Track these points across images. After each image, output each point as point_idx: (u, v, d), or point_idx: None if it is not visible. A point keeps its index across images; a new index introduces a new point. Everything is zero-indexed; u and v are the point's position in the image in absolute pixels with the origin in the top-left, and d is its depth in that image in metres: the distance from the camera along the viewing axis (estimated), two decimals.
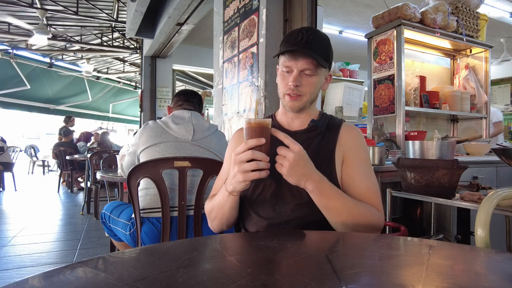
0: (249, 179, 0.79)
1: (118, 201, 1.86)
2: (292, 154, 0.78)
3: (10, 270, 2.34)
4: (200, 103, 1.84)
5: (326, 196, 0.84)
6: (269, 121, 0.80)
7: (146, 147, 1.58)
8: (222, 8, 2.82)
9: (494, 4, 4.22)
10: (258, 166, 0.77)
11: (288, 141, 0.79)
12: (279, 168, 0.80)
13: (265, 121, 0.80)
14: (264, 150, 0.79)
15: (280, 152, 0.79)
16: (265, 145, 0.78)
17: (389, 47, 2.69)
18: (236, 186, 0.82)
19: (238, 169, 0.79)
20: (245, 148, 0.78)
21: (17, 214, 4.20)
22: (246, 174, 0.78)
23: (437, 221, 2.00)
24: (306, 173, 0.80)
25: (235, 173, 0.80)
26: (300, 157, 0.79)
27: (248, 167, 0.77)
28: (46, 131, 16.57)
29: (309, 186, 0.81)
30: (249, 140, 0.78)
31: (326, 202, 0.84)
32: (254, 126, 0.79)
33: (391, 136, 2.69)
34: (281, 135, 0.80)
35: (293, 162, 0.78)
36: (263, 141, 0.78)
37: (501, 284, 0.49)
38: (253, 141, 0.78)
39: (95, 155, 3.91)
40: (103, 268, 0.55)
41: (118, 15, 5.83)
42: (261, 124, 0.79)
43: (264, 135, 0.78)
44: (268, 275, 0.52)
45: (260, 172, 0.78)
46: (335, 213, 0.85)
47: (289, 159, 0.78)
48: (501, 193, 0.88)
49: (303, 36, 0.91)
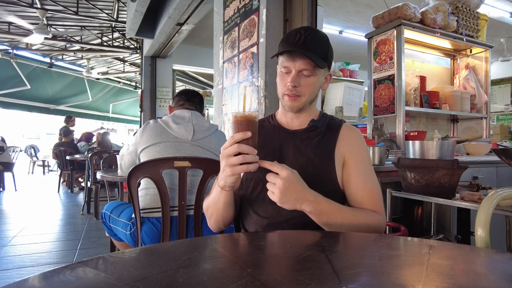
0: (237, 172, 0.79)
1: (118, 201, 1.86)
2: (280, 180, 0.77)
3: (10, 270, 2.34)
4: (202, 103, 1.84)
5: (325, 214, 0.83)
6: (256, 114, 0.80)
7: (146, 146, 1.58)
8: (222, 8, 2.82)
9: (494, 4, 4.22)
10: (245, 160, 0.77)
11: (275, 168, 0.78)
12: (271, 196, 0.79)
13: (251, 114, 0.79)
14: (251, 143, 0.78)
15: (269, 179, 0.79)
16: (252, 138, 0.78)
17: (389, 47, 2.69)
18: (226, 181, 0.82)
19: (226, 163, 0.79)
20: (231, 142, 0.78)
21: (17, 214, 4.20)
22: (234, 167, 0.78)
23: (437, 221, 2.00)
24: (299, 196, 0.79)
25: (223, 168, 0.80)
26: (290, 181, 0.78)
27: (235, 161, 0.77)
28: (46, 131, 16.58)
29: (306, 208, 0.81)
30: (235, 134, 0.78)
31: (326, 220, 0.84)
32: (240, 119, 0.79)
33: (391, 136, 2.69)
34: (266, 163, 0.79)
35: (284, 188, 0.77)
36: (249, 135, 0.77)
37: (501, 284, 0.49)
38: (239, 134, 0.77)
39: (95, 155, 3.91)
40: (103, 268, 0.55)
41: (118, 15, 5.83)
42: (247, 117, 0.79)
43: (250, 128, 0.78)
44: (268, 275, 0.52)
45: (248, 165, 0.77)
46: (336, 227, 0.85)
47: (279, 186, 0.77)
48: (501, 193, 0.88)
49: (301, 36, 0.91)
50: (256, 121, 0.80)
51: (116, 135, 10.86)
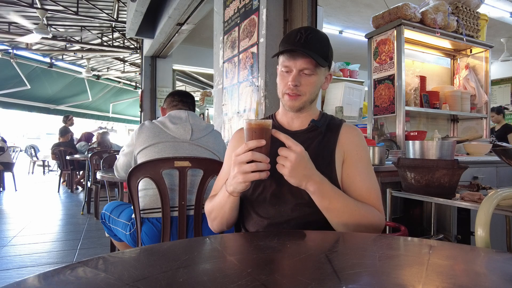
0: (249, 180, 0.79)
1: (117, 201, 1.85)
2: (294, 154, 0.78)
3: (10, 270, 2.34)
4: (194, 104, 1.83)
5: (327, 197, 0.84)
6: (270, 122, 0.80)
7: (144, 148, 1.56)
8: (222, 8, 2.82)
9: (494, 4, 4.22)
10: (258, 168, 0.77)
11: (289, 142, 0.79)
12: (281, 168, 0.80)
13: (266, 122, 0.80)
14: (264, 151, 0.79)
15: (282, 153, 0.79)
16: (265, 146, 0.78)
17: (389, 47, 2.69)
18: (236, 187, 0.83)
19: (238, 170, 0.79)
20: (245, 149, 0.78)
21: (17, 214, 4.20)
22: (246, 175, 0.78)
23: (437, 221, 2.00)
24: (307, 174, 0.80)
25: (235, 174, 0.80)
26: (302, 158, 0.79)
27: (248, 168, 0.78)
28: (46, 131, 16.59)
29: (310, 187, 0.81)
30: (249, 142, 0.78)
31: (328, 204, 0.84)
32: (255, 127, 0.79)
33: (391, 136, 2.69)
34: (282, 136, 0.80)
35: (295, 163, 0.78)
36: (264, 143, 0.78)
37: (501, 284, 0.49)
38: (253, 142, 0.78)
39: (95, 155, 3.91)
40: (103, 268, 0.55)
41: (118, 15, 5.83)
42: (262, 125, 0.79)
43: (264, 136, 0.78)
44: (268, 275, 0.52)
45: (260, 173, 0.78)
46: (336, 214, 0.85)
47: (290, 160, 0.78)
48: (501, 193, 0.88)
49: (302, 35, 0.91)
50: (270, 129, 0.80)
51: (116, 135, 10.86)
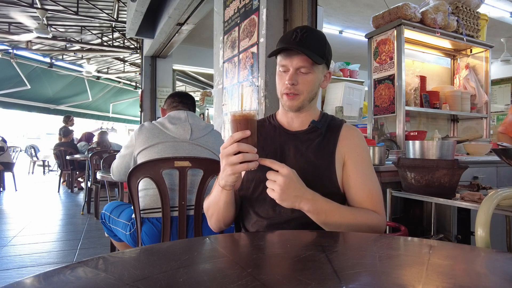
0: (237, 171, 0.79)
1: (117, 201, 1.85)
2: (281, 177, 0.78)
3: (10, 270, 2.34)
4: (194, 105, 1.83)
5: (323, 213, 0.84)
6: (254, 113, 0.81)
7: (143, 148, 1.56)
8: (222, 8, 2.82)
9: (494, 4, 4.22)
10: (245, 158, 0.77)
11: (275, 166, 0.79)
12: (271, 193, 0.80)
13: (249, 113, 0.80)
14: (251, 141, 0.79)
15: (270, 177, 0.80)
16: (251, 136, 0.79)
17: (389, 47, 2.69)
18: (227, 180, 0.82)
19: (226, 162, 0.79)
20: (231, 141, 0.78)
21: (17, 214, 4.20)
22: (234, 166, 0.78)
23: (437, 221, 2.00)
24: (298, 194, 0.80)
25: (224, 167, 0.81)
26: (290, 179, 0.79)
27: (235, 159, 0.78)
28: (46, 131, 16.57)
29: (304, 206, 0.82)
30: (234, 133, 0.79)
31: (324, 218, 0.84)
32: (239, 118, 0.80)
33: (391, 136, 2.69)
34: (267, 161, 0.80)
35: (284, 186, 0.78)
36: (248, 133, 0.78)
37: (501, 284, 0.49)
38: (238, 134, 0.78)
39: (95, 155, 3.91)
40: (103, 268, 0.55)
41: (118, 15, 5.83)
42: (246, 116, 0.79)
43: (249, 127, 0.79)
44: (268, 275, 0.52)
45: (248, 163, 0.78)
46: (334, 226, 0.86)
47: (279, 183, 0.78)
48: (502, 193, 0.88)
49: (297, 34, 0.92)
50: (255, 120, 0.81)
51: (116, 135, 10.86)
